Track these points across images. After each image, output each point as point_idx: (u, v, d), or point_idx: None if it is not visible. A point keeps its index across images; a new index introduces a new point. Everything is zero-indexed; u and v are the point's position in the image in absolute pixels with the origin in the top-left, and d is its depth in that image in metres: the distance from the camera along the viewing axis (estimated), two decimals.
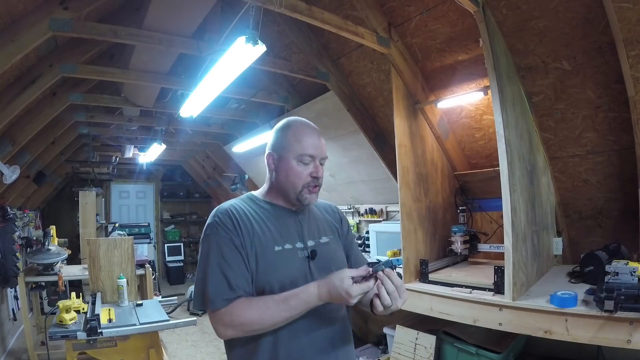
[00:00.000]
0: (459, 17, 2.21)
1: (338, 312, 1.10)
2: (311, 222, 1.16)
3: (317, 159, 1.10)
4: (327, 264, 1.10)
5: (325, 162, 1.14)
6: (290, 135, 1.10)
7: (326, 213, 1.25)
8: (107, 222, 6.92)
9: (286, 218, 1.11)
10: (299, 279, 1.03)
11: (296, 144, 1.08)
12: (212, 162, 6.48)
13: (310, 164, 1.09)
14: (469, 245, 2.68)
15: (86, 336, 2.19)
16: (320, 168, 1.11)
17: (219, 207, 1.09)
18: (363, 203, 4.01)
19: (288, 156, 1.08)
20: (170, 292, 6.12)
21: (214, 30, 2.63)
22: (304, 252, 1.08)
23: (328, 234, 1.18)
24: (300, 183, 1.08)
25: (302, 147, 1.08)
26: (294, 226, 1.11)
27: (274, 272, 1.02)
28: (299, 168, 1.08)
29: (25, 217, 4.39)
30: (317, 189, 1.11)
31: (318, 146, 1.10)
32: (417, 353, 2.47)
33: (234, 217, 1.04)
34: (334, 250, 1.17)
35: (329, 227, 1.21)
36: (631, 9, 1.63)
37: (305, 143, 1.08)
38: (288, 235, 1.08)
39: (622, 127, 2.04)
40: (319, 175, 1.10)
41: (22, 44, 1.96)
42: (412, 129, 2.57)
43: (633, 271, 1.58)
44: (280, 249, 1.05)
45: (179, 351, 4.00)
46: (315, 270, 1.07)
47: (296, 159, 1.08)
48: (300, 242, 1.09)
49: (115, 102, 3.60)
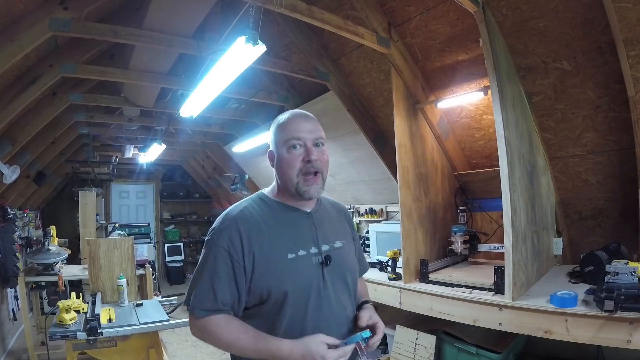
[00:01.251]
0: (459, 17, 2.21)
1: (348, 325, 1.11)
2: (326, 226, 1.12)
3: (308, 141, 1.04)
4: (341, 269, 1.09)
5: (322, 143, 1.07)
6: (277, 127, 1.09)
7: (340, 215, 1.23)
8: (107, 222, 6.91)
9: (301, 221, 1.08)
10: (312, 286, 1.02)
11: (282, 133, 1.06)
12: (212, 162, 6.47)
13: (300, 148, 1.04)
14: (469, 245, 2.68)
15: (86, 336, 2.19)
16: (312, 150, 1.04)
17: (227, 212, 1.06)
18: (363, 203, 4.01)
19: (280, 149, 1.06)
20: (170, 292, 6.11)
21: (214, 30, 2.63)
22: (318, 258, 1.05)
23: (341, 238, 1.15)
24: (294, 172, 1.03)
25: (288, 133, 1.05)
26: (308, 231, 1.08)
27: (285, 281, 1.00)
28: (289, 155, 1.04)
29: (25, 217, 4.38)
30: (316, 178, 1.04)
31: (304, 128, 1.05)
32: (417, 353, 2.47)
33: (240, 228, 1.01)
34: (347, 254, 1.14)
35: (342, 230, 1.19)
36: (631, 9, 1.63)
37: (290, 128, 1.05)
38: (302, 242, 1.05)
39: (622, 127, 2.04)
40: (311, 158, 1.03)
41: (22, 44, 1.95)
42: (412, 129, 2.57)
43: (633, 271, 1.58)
44: (293, 256, 1.02)
45: (179, 351, 3.99)
46: (328, 277, 1.05)
47: (285, 147, 1.04)
48: (315, 248, 1.06)
49: (115, 102, 3.59)
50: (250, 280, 0.99)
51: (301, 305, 1.01)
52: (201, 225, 8.35)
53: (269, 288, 0.99)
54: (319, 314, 1.02)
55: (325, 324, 1.01)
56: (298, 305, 1.00)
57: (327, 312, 1.03)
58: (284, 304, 0.99)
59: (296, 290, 1.00)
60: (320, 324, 1.01)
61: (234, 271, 0.98)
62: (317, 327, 1.00)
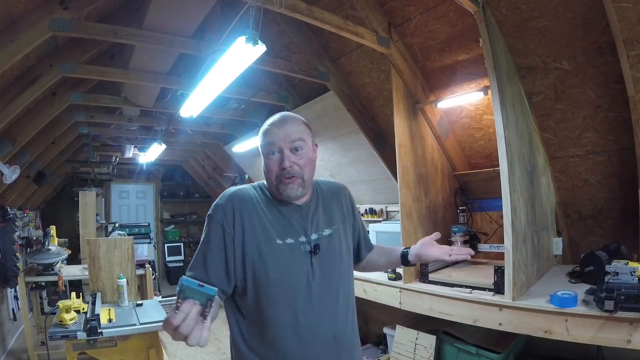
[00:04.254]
0: (459, 17, 2.21)
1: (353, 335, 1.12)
2: (318, 215, 1.14)
3: (284, 147, 1.05)
4: (329, 257, 1.10)
5: (302, 146, 1.06)
6: (261, 132, 1.11)
7: (335, 196, 1.22)
8: (107, 222, 6.92)
9: (291, 212, 1.10)
10: (300, 274, 1.04)
11: (263, 139, 1.09)
12: (212, 162, 6.48)
13: (277, 154, 1.06)
14: (469, 245, 2.68)
15: (86, 336, 2.19)
16: (286, 157, 1.04)
17: (229, 190, 1.11)
18: (363, 203, 4.00)
19: (263, 154, 1.10)
20: (170, 292, 6.11)
21: (214, 30, 2.63)
22: (307, 247, 1.07)
23: (334, 224, 1.16)
24: (273, 176, 1.07)
25: (265, 139, 1.08)
26: (297, 220, 1.10)
27: (271, 263, 1.02)
28: (268, 161, 1.08)
29: (25, 217, 4.38)
30: (291, 180, 1.05)
31: (279, 134, 1.05)
32: (417, 353, 2.47)
33: (236, 205, 1.05)
34: (338, 242, 1.15)
35: (338, 213, 1.19)
36: (631, 9, 1.63)
37: (267, 135, 1.08)
38: (291, 230, 1.08)
39: (622, 127, 2.04)
40: (284, 166, 1.04)
41: (22, 44, 1.95)
42: (412, 129, 2.57)
43: (633, 271, 1.58)
44: (281, 243, 1.04)
45: (179, 351, 3.99)
46: (318, 266, 1.07)
47: (265, 152, 1.09)
48: (304, 237, 1.08)
49: (115, 102, 3.59)
50: (239, 255, 1.02)
51: (289, 293, 1.02)
52: (201, 225, 8.17)
53: (254, 266, 1.01)
54: (310, 304, 1.03)
55: (317, 313, 1.03)
56: (285, 291, 1.02)
57: (317, 302, 1.04)
58: (269, 287, 1.01)
59: (282, 275, 1.02)
60: (311, 313, 1.03)
61: (224, 243, 1.02)
62: (308, 316, 1.02)
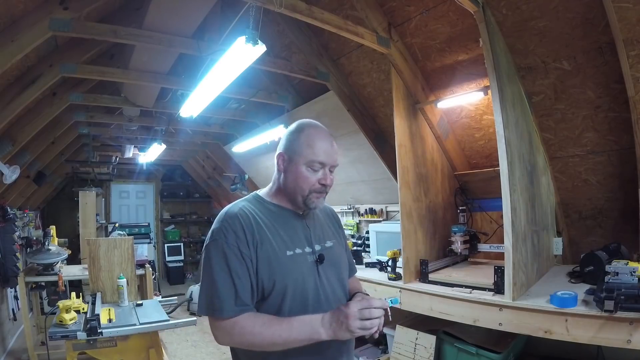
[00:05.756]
0: (459, 17, 2.21)
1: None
2: (317, 227, 1.17)
3: (327, 166, 1.09)
4: (334, 267, 1.13)
5: (334, 169, 1.12)
6: (302, 138, 1.08)
7: (327, 217, 1.26)
8: (107, 222, 6.91)
9: (294, 222, 1.11)
10: (310, 283, 1.05)
11: (308, 149, 1.06)
12: (212, 162, 6.47)
13: (319, 171, 1.07)
14: (469, 245, 2.68)
15: (86, 336, 2.18)
16: (329, 176, 1.09)
17: (227, 211, 1.07)
18: (363, 203, 4.01)
19: (298, 160, 1.07)
20: (170, 292, 6.12)
21: (214, 30, 2.63)
22: (313, 257, 1.09)
23: (331, 238, 1.20)
24: (308, 188, 1.07)
25: (313, 153, 1.06)
26: (302, 230, 1.11)
27: (288, 276, 1.02)
28: (307, 173, 1.06)
29: (25, 217, 4.38)
30: (323, 194, 1.11)
31: (330, 153, 1.08)
32: (417, 353, 2.47)
33: (243, 223, 1.03)
34: (338, 254, 1.18)
35: (331, 231, 1.23)
36: (631, 9, 1.63)
37: (317, 149, 1.06)
38: (298, 240, 1.09)
39: (622, 127, 2.04)
40: (327, 183, 1.09)
41: (22, 44, 1.95)
42: (412, 129, 2.57)
43: (633, 271, 1.58)
44: (291, 254, 1.05)
45: (179, 351, 3.99)
46: (324, 274, 1.09)
47: (306, 164, 1.06)
48: (309, 247, 1.10)
49: (115, 102, 3.59)
50: (255, 271, 1.01)
51: (301, 302, 1.03)
52: (201, 225, 8.36)
53: (272, 281, 1.01)
54: (319, 311, 1.03)
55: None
56: (298, 301, 1.03)
57: (326, 309, 1.04)
58: (285, 298, 1.01)
59: (296, 285, 1.03)
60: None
61: (246, 266, 1.00)
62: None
